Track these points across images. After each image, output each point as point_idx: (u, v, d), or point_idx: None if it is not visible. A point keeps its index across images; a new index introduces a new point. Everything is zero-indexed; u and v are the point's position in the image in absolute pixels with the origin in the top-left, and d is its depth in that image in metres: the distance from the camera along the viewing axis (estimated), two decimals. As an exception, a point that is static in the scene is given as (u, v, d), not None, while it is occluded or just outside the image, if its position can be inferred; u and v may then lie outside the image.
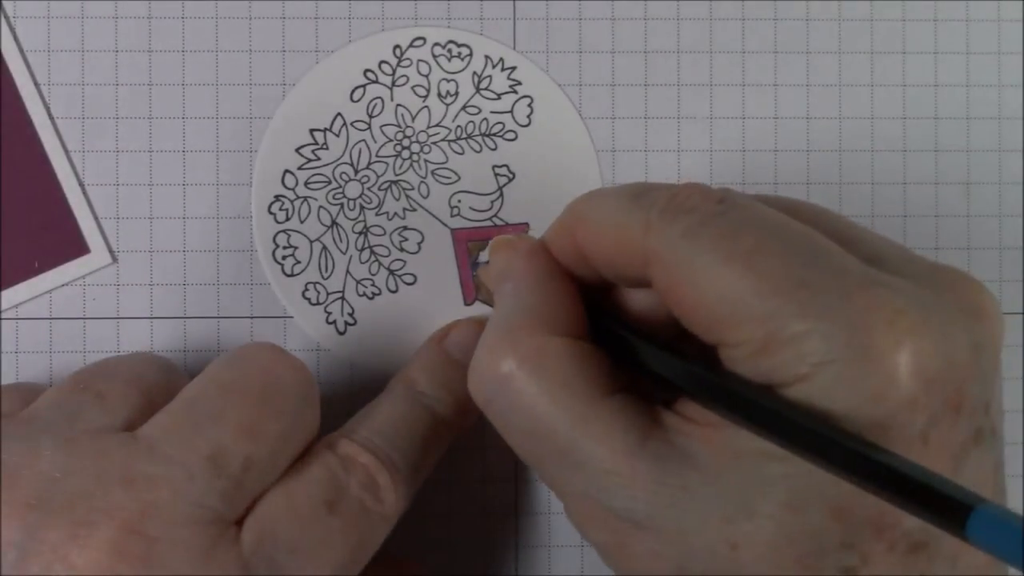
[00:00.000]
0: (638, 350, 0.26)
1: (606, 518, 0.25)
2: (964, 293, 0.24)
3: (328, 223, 0.33)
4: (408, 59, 0.33)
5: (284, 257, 0.33)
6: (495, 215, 0.33)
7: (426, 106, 0.33)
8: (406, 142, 0.33)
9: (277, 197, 0.33)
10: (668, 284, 0.24)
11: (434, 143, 0.33)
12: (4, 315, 0.32)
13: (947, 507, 0.19)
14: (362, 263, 0.33)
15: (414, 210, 0.33)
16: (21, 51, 0.32)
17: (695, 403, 0.25)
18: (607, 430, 0.24)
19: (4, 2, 0.32)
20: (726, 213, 0.24)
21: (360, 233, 0.33)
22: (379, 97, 0.33)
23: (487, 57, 0.33)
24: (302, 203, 0.33)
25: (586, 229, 0.26)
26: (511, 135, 0.33)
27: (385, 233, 0.33)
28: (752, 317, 0.22)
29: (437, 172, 0.33)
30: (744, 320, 0.23)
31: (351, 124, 0.33)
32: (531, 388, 0.25)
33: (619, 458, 0.24)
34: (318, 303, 0.33)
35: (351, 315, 0.33)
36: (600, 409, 0.25)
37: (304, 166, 0.33)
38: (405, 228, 0.33)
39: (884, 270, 0.23)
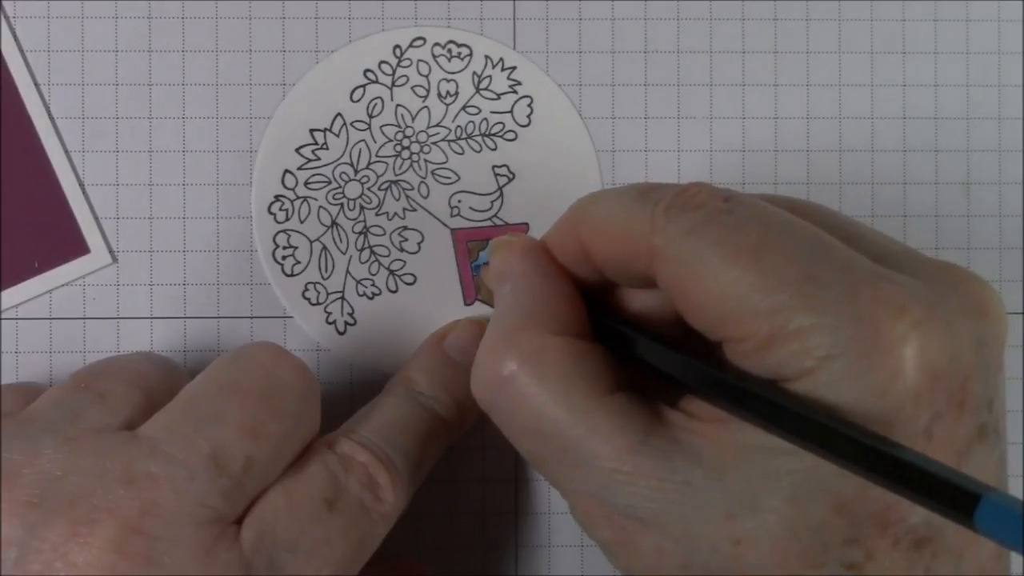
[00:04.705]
0: (641, 347, 0.26)
1: (610, 516, 0.25)
2: (969, 291, 0.24)
3: (328, 223, 0.33)
4: (408, 59, 0.33)
5: (284, 257, 0.33)
6: (495, 215, 0.33)
7: (426, 106, 0.33)
8: (406, 142, 0.33)
9: (277, 197, 0.33)
10: (673, 281, 0.24)
11: (434, 143, 0.33)
12: (4, 315, 0.32)
13: (955, 496, 0.19)
14: (362, 263, 0.33)
15: (414, 210, 0.33)
16: (21, 51, 0.32)
17: (699, 399, 0.25)
18: (609, 427, 0.24)
19: (4, 2, 0.32)
20: (732, 211, 0.24)
21: (360, 233, 0.33)
22: (379, 97, 0.33)
23: (487, 57, 0.33)
24: (302, 203, 0.33)
25: (590, 227, 0.26)
26: (511, 135, 0.33)
27: (385, 233, 0.33)
28: (757, 312, 0.23)
29: (437, 172, 0.33)
30: (749, 315, 0.23)
31: (351, 124, 0.33)
32: (532, 388, 0.25)
33: (622, 455, 0.24)
34: (318, 303, 0.33)
35: (351, 315, 0.33)
36: (601, 407, 0.25)
37: (304, 166, 0.33)
38: (405, 228, 0.33)
39: (889, 267, 0.23)
